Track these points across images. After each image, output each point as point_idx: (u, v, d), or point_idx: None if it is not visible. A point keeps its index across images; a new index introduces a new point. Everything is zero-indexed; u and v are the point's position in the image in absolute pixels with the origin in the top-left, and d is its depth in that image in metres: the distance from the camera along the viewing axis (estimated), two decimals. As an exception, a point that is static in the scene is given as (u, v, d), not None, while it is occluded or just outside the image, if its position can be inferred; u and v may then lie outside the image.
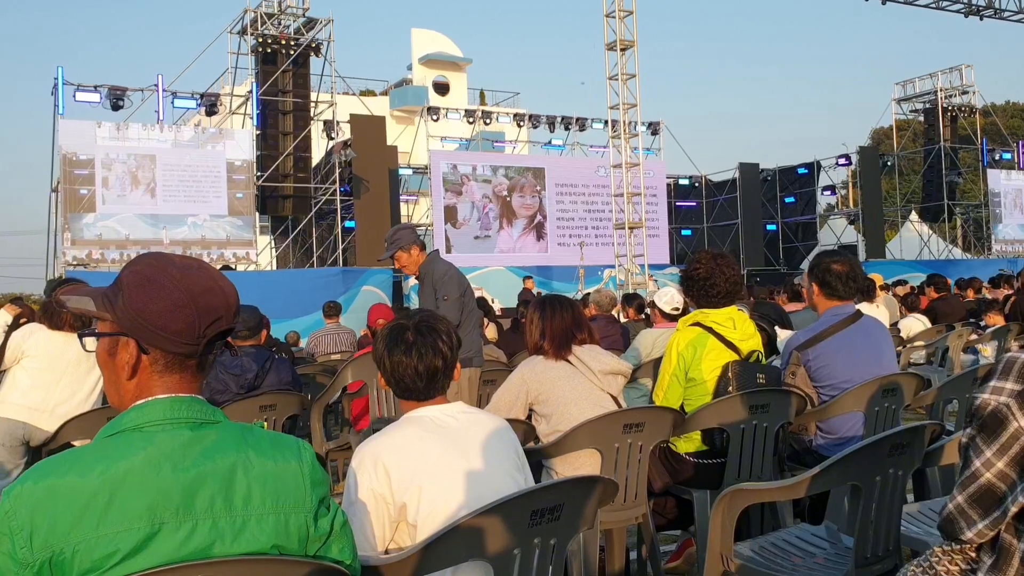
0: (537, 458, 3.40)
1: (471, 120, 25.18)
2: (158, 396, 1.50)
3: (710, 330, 3.81)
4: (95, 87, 18.12)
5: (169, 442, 1.45)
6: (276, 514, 1.48)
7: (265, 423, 4.36)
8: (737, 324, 3.86)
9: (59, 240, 17.87)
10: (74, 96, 17.89)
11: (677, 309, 6.00)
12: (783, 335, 5.43)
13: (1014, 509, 1.50)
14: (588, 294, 8.24)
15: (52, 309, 4.53)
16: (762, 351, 3.99)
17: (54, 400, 4.52)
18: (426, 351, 2.28)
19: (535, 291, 16.62)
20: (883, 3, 23.57)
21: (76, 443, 4.26)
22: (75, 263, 17.14)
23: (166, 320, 1.48)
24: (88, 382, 4.64)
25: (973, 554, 1.65)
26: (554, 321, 3.64)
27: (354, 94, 24.62)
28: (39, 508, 1.35)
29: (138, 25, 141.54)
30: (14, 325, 5.10)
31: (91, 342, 1.56)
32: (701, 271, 3.90)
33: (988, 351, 8.19)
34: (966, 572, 1.65)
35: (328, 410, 6.19)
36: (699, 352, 3.78)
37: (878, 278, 12.00)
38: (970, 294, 12.50)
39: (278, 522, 1.48)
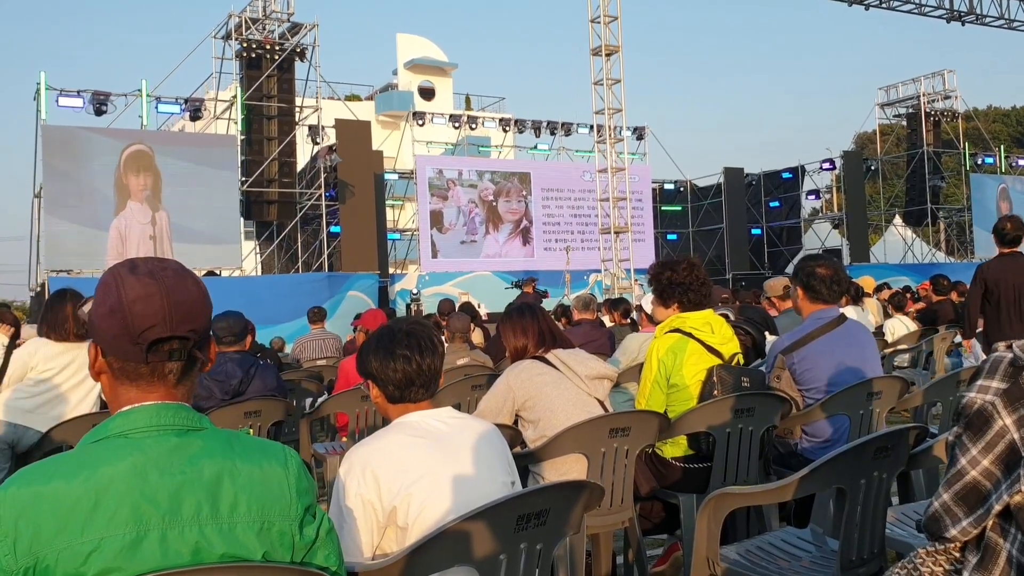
0: (524, 463, 3.39)
1: (457, 125, 25.18)
2: (145, 403, 1.49)
3: (689, 335, 3.82)
4: (78, 92, 17.99)
5: (155, 448, 1.43)
6: (262, 522, 1.47)
7: (251, 430, 4.36)
8: (715, 328, 3.87)
9: (42, 246, 17.72)
10: (57, 101, 17.75)
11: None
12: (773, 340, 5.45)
13: (998, 507, 1.51)
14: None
15: (56, 322, 4.70)
16: (741, 354, 4.00)
17: (48, 407, 4.66)
18: (408, 356, 2.31)
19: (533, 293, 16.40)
20: (866, 9, 23.76)
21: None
22: (58, 270, 17.01)
23: (105, 324, 1.48)
24: (82, 389, 4.76)
25: (957, 554, 1.65)
26: (524, 322, 3.71)
27: (339, 99, 24.61)
28: (24, 514, 1.33)
29: (122, 30, 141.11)
30: (12, 343, 5.19)
31: None
32: (683, 276, 3.92)
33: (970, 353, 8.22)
34: (950, 573, 1.66)
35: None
36: (679, 358, 3.78)
37: (870, 281, 12.02)
38: (954, 297, 12.53)
39: (264, 530, 1.47)
